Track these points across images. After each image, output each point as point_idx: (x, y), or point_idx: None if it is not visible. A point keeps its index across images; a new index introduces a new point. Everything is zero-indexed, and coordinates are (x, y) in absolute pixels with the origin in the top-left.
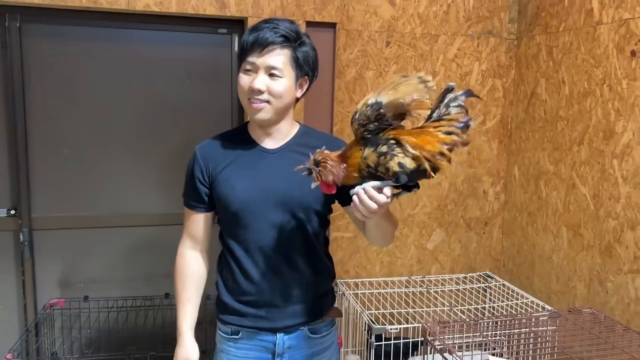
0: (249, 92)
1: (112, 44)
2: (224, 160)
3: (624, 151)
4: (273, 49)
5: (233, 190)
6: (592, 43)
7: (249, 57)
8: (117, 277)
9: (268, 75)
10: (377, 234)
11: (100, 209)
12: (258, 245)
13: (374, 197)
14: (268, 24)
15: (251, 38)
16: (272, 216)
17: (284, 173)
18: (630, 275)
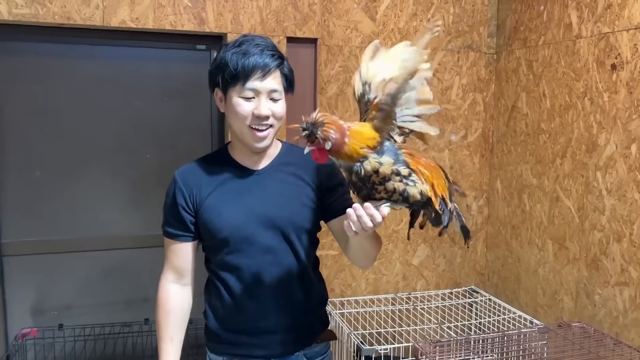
0: (253, 119)
1: (86, 61)
2: (208, 186)
3: (608, 164)
4: (273, 72)
5: (220, 216)
6: (572, 57)
7: (250, 83)
8: (93, 303)
9: (269, 99)
10: (360, 254)
11: (74, 232)
12: (250, 271)
13: (373, 215)
14: (255, 46)
15: (250, 62)
16: (262, 240)
17: (272, 194)
18: (618, 288)
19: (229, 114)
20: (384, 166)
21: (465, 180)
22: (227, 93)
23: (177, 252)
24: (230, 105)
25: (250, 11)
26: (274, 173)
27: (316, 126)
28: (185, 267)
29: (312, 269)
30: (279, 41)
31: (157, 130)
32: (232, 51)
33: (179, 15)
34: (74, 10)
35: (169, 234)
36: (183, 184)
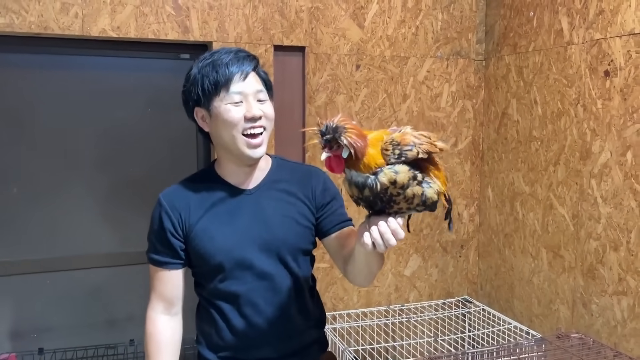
0: (246, 122)
1: (65, 72)
2: (197, 209)
3: (602, 171)
4: (252, 73)
5: (213, 242)
6: (564, 63)
7: (234, 87)
8: (75, 324)
9: (257, 100)
10: (364, 271)
11: (53, 251)
12: (246, 298)
13: (396, 231)
14: (226, 53)
15: (228, 67)
16: (258, 264)
17: (266, 215)
18: (616, 297)
19: (217, 126)
20: (401, 175)
21: (456, 188)
22: (211, 105)
23: (166, 281)
24: (217, 116)
25: (236, 19)
26: (266, 192)
27: (338, 131)
28: (175, 296)
29: (309, 290)
30: (266, 50)
31: (139, 143)
32: (204, 63)
33: (162, 24)
34: (51, 19)
35: (156, 261)
36: (170, 207)
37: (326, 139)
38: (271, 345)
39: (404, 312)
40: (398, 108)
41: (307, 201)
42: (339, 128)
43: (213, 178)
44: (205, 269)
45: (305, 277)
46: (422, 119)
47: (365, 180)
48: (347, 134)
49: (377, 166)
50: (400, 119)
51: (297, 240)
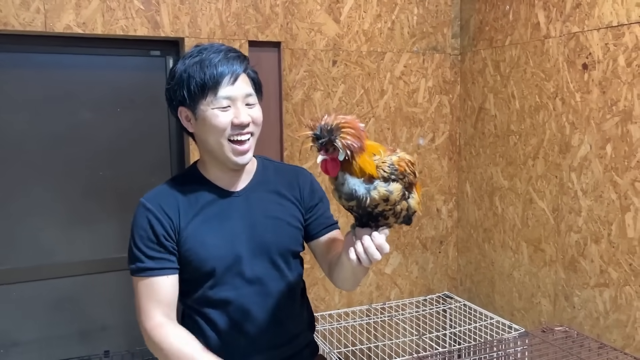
0: (233, 129)
1: (26, 70)
2: (186, 212)
3: (582, 164)
4: (242, 75)
5: (204, 246)
6: (541, 57)
7: (223, 91)
8: (45, 338)
9: (245, 105)
10: (350, 278)
11: (18, 261)
12: (236, 303)
13: (381, 246)
14: (216, 52)
15: (217, 69)
16: (249, 268)
17: (256, 217)
18: (598, 289)
19: (203, 130)
20: (394, 194)
21: (434, 184)
22: (197, 108)
23: (166, 288)
24: (203, 120)
25: (208, 14)
26: (254, 193)
27: (334, 133)
28: (174, 302)
29: (300, 294)
30: (240, 45)
31: (109, 145)
32: (191, 61)
33: (131, 20)
34: (11, 14)
35: (150, 269)
36: (158, 211)
37: (322, 142)
38: (263, 352)
39: (385, 310)
40: (376, 104)
41: (296, 202)
42: (334, 130)
43: (199, 180)
44: (195, 275)
45: (297, 280)
46: (400, 115)
47: (357, 191)
48: (342, 136)
49: (371, 174)
50: (378, 115)
51: (289, 242)
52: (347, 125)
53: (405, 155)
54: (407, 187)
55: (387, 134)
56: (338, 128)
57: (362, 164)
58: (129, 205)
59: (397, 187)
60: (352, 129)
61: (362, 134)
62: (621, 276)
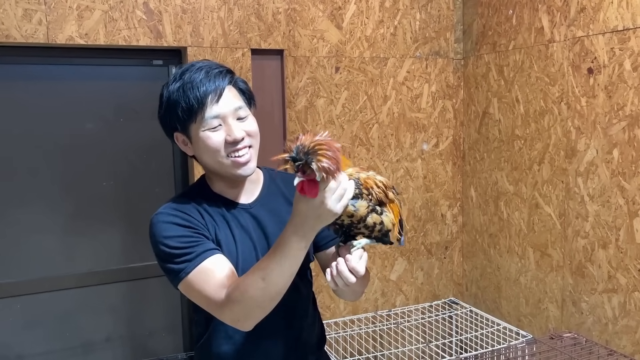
0: (228, 147)
1: (29, 82)
2: (211, 223)
3: (589, 169)
4: (228, 88)
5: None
6: (546, 61)
7: (210, 111)
8: (49, 350)
9: (236, 119)
10: (348, 291)
11: (20, 273)
12: None
13: (355, 268)
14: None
15: (200, 89)
16: None
17: (267, 230)
18: (606, 295)
19: (200, 152)
20: (360, 210)
21: (438, 189)
22: (190, 132)
23: (222, 265)
24: (198, 143)
25: (210, 23)
26: (266, 204)
27: (310, 155)
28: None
29: (313, 307)
30: (243, 54)
31: (112, 156)
32: (173, 86)
33: (133, 30)
34: (13, 26)
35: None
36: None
37: (298, 164)
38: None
39: (391, 317)
40: (379, 110)
41: None
42: (310, 152)
43: (208, 194)
44: None
45: (309, 291)
46: (403, 120)
47: None
48: (319, 158)
49: None
50: (381, 121)
51: None
52: (323, 146)
53: (376, 176)
54: (378, 204)
55: (390, 140)
56: (314, 150)
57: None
58: (133, 216)
59: (363, 203)
60: (328, 150)
61: (338, 155)
62: (630, 282)
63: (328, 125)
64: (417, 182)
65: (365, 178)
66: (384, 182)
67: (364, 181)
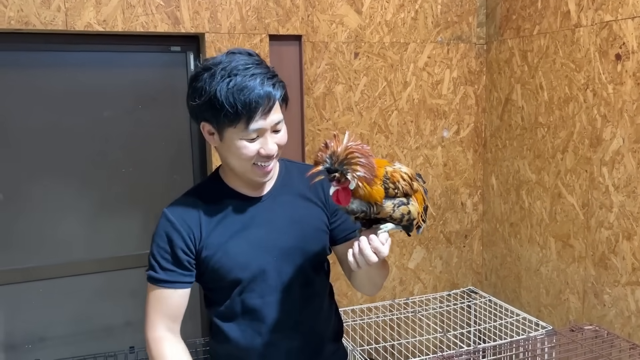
0: (258, 158)
1: (48, 69)
2: (208, 222)
3: (614, 159)
4: (277, 102)
5: (228, 256)
6: (571, 47)
7: (254, 124)
8: (71, 334)
9: (273, 131)
10: (366, 283)
11: (44, 258)
12: (264, 311)
13: (378, 249)
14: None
15: (252, 99)
16: (275, 275)
17: (281, 223)
18: (630, 287)
19: (227, 153)
20: (385, 209)
21: (459, 177)
22: (223, 132)
23: (173, 301)
24: (230, 146)
25: (228, 8)
26: (278, 197)
27: (344, 164)
28: (180, 314)
29: (329, 300)
30: (261, 39)
31: (131, 143)
32: (223, 84)
33: (151, 16)
34: (32, 13)
35: (162, 281)
36: (179, 223)
37: (333, 176)
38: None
39: (409, 305)
40: (399, 96)
41: (321, 205)
42: (344, 162)
43: (220, 187)
44: (221, 285)
45: (324, 285)
46: (424, 107)
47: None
48: (354, 167)
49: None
50: (401, 107)
51: (316, 248)
52: (356, 154)
53: (401, 168)
54: (403, 195)
55: (410, 127)
56: (347, 160)
57: (371, 194)
58: (152, 202)
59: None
60: (361, 157)
61: (371, 160)
62: None
63: (346, 112)
64: (437, 170)
65: (392, 172)
66: (409, 174)
67: (390, 175)
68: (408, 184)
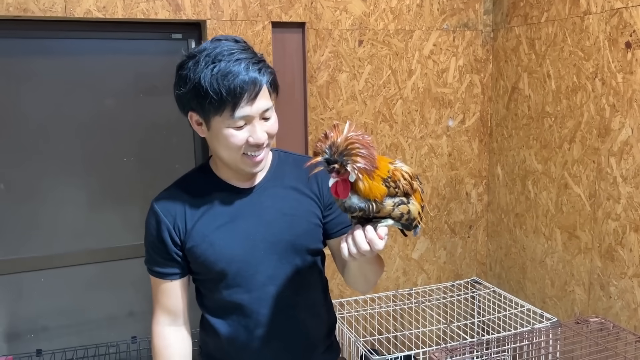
0: (247, 147)
1: (47, 57)
2: (193, 213)
3: (623, 149)
4: (263, 89)
5: (213, 247)
6: (580, 34)
7: (240, 111)
8: (73, 323)
9: (262, 119)
10: (359, 279)
11: (45, 248)
12: (252, 308)
13: (372, 240)
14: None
15: (236, 85)
16: (263, 269)
17: (270, 215)
18: (636, 279)
19: (215, 143)
20: (386, 208)
21: (464, 166)
22: (210, 121)
23: (168, 292)
24: (217, 135)
25: None
26: (269, 189)
27: (345, 157)
28: (179, 307)
29: (322, 294)
30: (264, 27)
31: (131, 132)
32: (207, 71)
33: (152, 2)
34: (31, 0)
35: (155, 273)
36: (165, 215)
37: (332, 167)
38: (280, 357)
39: (412, 296)
40: (403, 85)
41: (314, 197)
42: (344, 153)
43: (209, 177)
44: (207, 276)
45: (317, 280)
46: (429, 95)
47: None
48: (354, 159)
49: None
50: (405, 96)
51: (308, 241)
52: (356, 144)
53: (402, 166)
54: (403, 195)
55: (415, 116)
56: (347, 150)
57: (371, 189)
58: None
59: (389, 202)
60: (361, 148)
61: (372, 152)
62: None
63: (350, 101)
64: (442, 160)
65: (392, 170)
66: (410, 173)
67: (392, 173)
68: (409, 183)
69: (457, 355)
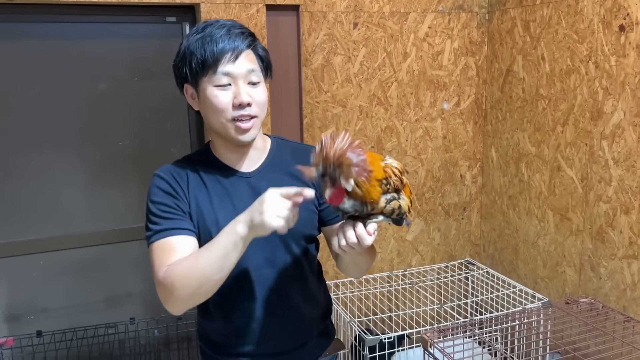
0: (234, 110)
1: (41, 41)
2: (196, 188)
3: (615, 132)
4: (245, 53)
5: (217, 225)
6: (575, 17)
7: (222, 67)
8: (72, 305)
9: (248, 83)
10: (351, 266)
11: (44, 231)
12: (247, 289)
13: (362, 236)
14: (220, 27)
15: (218, 45)
16: (257, 251)
17: None
18: (626, 261)
19: (205, 110)
20: (379, 206)
21: (458, 149)
22: (199, 86)
23: (181, 245)
24: (205, 99)
25: None
26: (267, 175)
27: (337, 172)
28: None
29: (317, 279)
30: (258, 10)
31: (127, 115)
32: (194, 37)
33: None
34: None
35: (165, 231)
36: (169, 179)
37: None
38: (276, 340)
39: (406, 277)
40: (398, 68)
41: (311, 184)
42: (336, 167)
43: (209, 159)
44: None
45: (311, 264)
46: (424, 78)
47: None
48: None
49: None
50: (400, 79)
51: (304, 227)
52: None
53: (392, 162)
54: (394, 191)
55: (410, 99)
56: (340, 163)
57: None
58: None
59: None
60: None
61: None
62: None
63: (345, 84)
64: (437, 142)
65: (383, 167)
66: (399, 168)
67: (382, 170)
68: (399, 179)
69: (448, 335)
